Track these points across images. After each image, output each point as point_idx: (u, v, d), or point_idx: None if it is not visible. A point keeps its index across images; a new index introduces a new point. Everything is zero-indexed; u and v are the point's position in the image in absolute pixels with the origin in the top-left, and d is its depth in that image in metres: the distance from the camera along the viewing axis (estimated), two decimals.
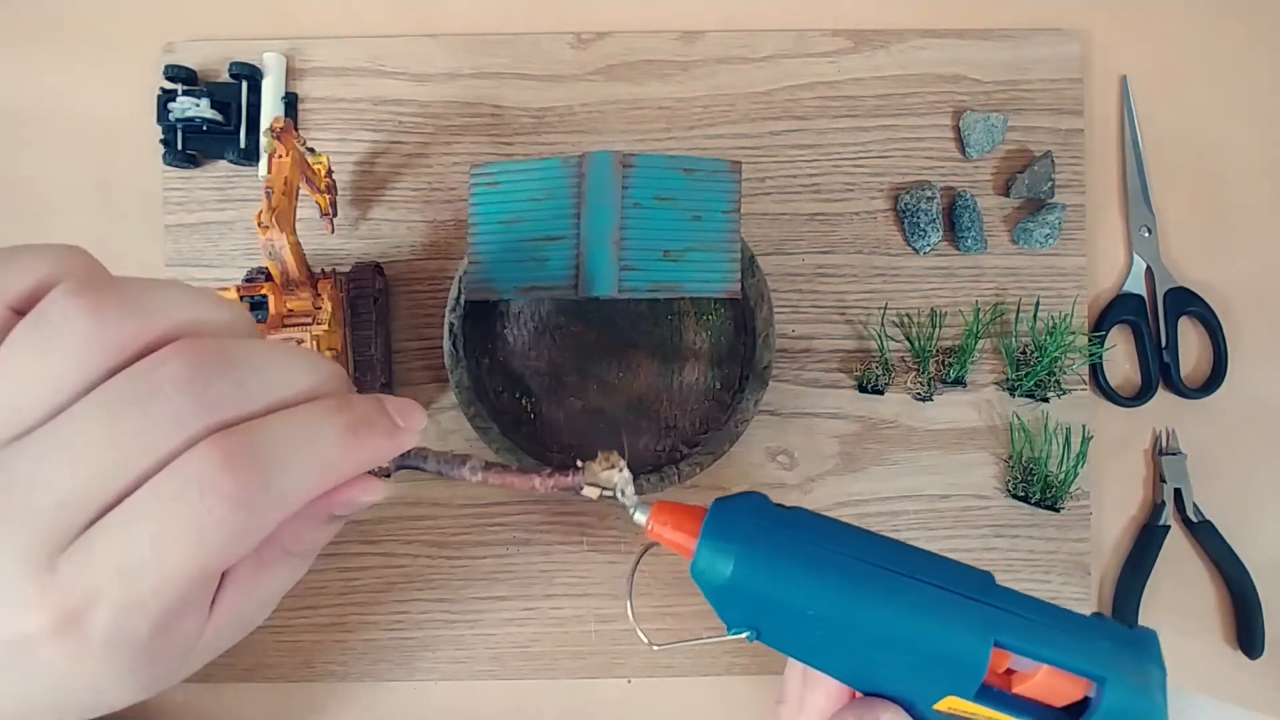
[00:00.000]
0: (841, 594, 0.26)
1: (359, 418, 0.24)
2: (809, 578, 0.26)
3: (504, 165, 0.44)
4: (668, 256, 0.42)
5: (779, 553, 0.26)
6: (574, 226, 0.42)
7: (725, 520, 0.27)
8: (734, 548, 0.26)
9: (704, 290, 0.43)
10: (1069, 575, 0.53)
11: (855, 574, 0.26)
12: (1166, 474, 0.54)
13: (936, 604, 0.26)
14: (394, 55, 0.54)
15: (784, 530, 0.27)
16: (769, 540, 0.26)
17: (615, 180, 0.42)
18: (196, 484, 0.20)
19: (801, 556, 0.26)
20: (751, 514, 0.27)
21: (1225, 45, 0.56)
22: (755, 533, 0.26)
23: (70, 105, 0.54)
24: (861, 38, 0.54)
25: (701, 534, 0.27)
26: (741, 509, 0.27)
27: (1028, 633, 0.26)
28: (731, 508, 0.27)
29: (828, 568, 0.26)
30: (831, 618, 0.26)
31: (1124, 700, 0.25)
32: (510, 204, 0.43)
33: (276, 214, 0.41)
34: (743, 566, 0.26)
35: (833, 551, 0.27)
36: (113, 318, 0.21)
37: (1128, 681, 0.25)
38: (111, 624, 0.20)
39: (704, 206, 0.43)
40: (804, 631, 0.26)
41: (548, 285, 0.42)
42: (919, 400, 0.53)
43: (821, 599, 0.25)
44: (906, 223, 0.53)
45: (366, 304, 0.50)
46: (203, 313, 0.23)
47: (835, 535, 0.28)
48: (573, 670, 0.53)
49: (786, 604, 0.26)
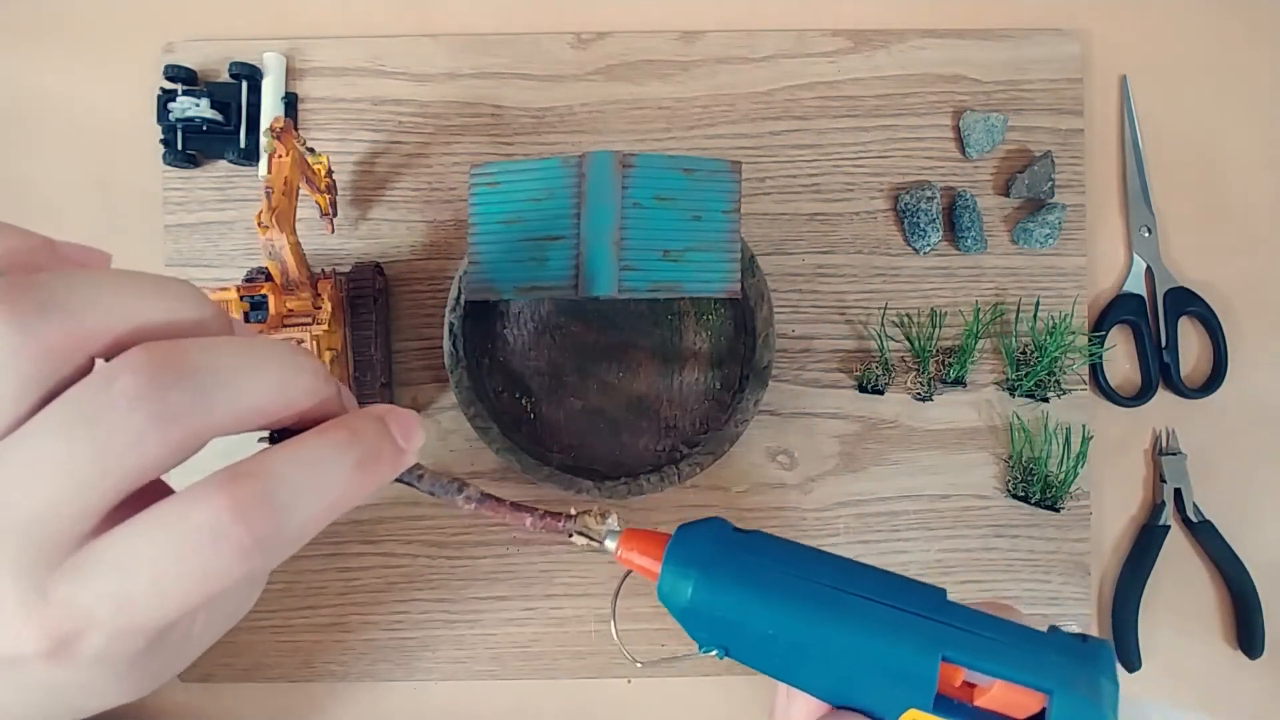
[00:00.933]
0: (795, 614, 0.27)
1: (367, 452, 0.23)
2: (764, 599, 0.27)
3: (504, 165, 0.44)
4: (668, 256, 0.42)
5: (735, 576, 0.28)
6: (574, 226, 0.42)
7: (686, 546, 0.28)
8: (693, 572, 0.28)
9: (704, 290, 0.43)
10: (1069, 575, 0.53)
11: (808, 595, 0.27)
12: (1166, 474, 0.54)
13: (886, 622, 0.27)
14: (394, 55, 0.54)
15: (741, 554, 0.28)
16: (726, 564, 0.28)
17: (615, 180, 0.42)
18: (208, 531, 0.20)
19: (757, 579, 0.27)
20: (711, 540, 0.29)
21: (1225, 45, 0.56)
22: (714, 558, 0.28)
23: (70, 105, 0.54)
24: (861, 38, 0.54)
25: (664, 559, 0.28)
26: (702, 535, 0.29)
27: (975, 648, 0.27)
28: (692, 534, 0.29)
29: (782, 589, 0.27)
30: (788, 637, 0.27)
31: (1071, 713, 0.26)
32: (510, 204, 0.43)
33: (276, 214, 0.41)
34: (701, 590, 0.27)
35: (787, 574, 0.28)
36: (33, 324, 0.19)
37: (1075, 695, 0.26)
38: (104, 646, 0.20)
39: (704, 206, 0.43)
40: (766, 650, 0.28)
41: (548, 285, 0.42)
42: (919, 400, 0.53)
43: (776, 619, 0.27)
44: (906, 223, 0.53)
45: (366, 304, 0.50)
46: (156, 308, 0.21)
47: (791, 558, 0.29)
48: (573, 670, 0.53)
49: (745, 624, 0.27)
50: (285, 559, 0.22)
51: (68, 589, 0.19)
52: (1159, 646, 0.54)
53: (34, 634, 0.19)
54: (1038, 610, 0.53)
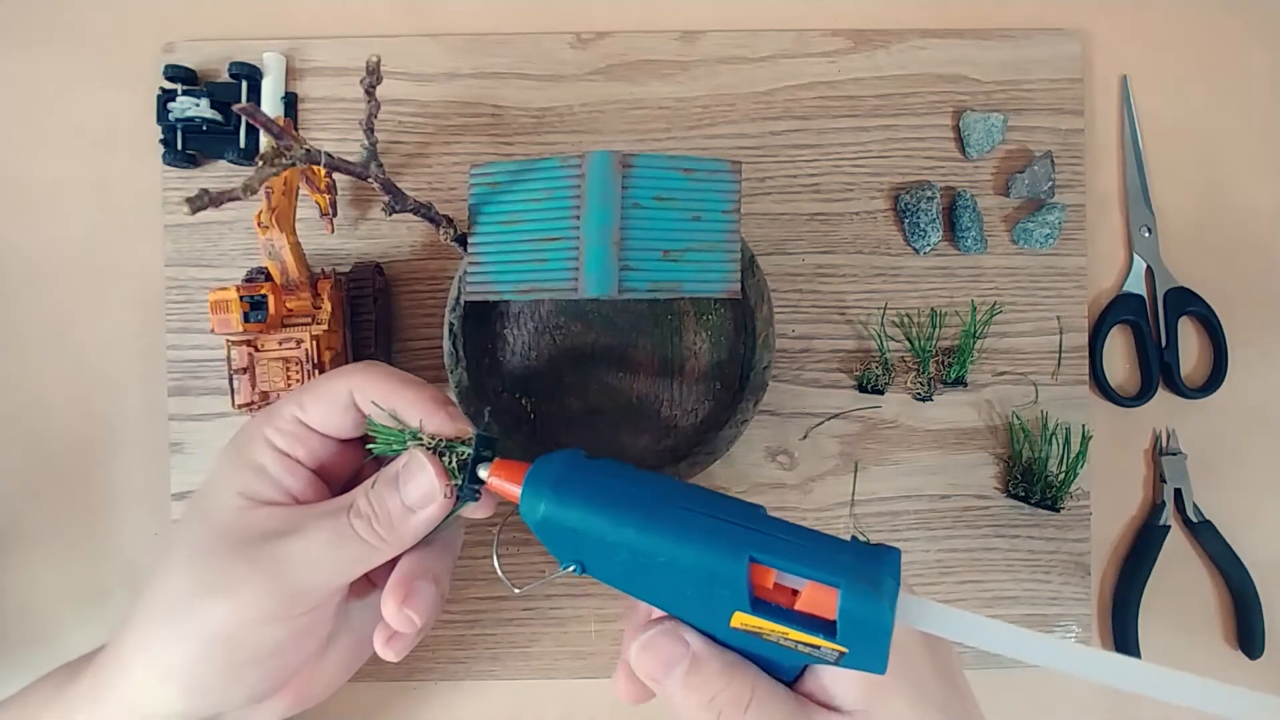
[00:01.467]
0: (629, 524, 0.31)
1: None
2: (602, 511, 0.31)
3: (504, 165, 0.44)
4: (668, 257, 0.42)
5: (581, 493, 0.32)
6: (574, 227, 0.42)
7: (542, 469, 0.33)
8: (545, 490, 0.32)
9: (704, 290, 0.43)
10: (1069, 575, 0.53)
11: (639, 507, 0.31)
12: (1166, 474, 0.54)
13: (704, 529, 0.31)
14: (394, 55, 0.54)
15: (588, 475, 0.32)
16: (574, 483, 0.32)
17: (615, 180, 0.42)
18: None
19: (598, 495, 0.31)
20: (563, 464, 0.33)
21: (1225, 45, 0.56)
22: (564, 478, 0.32)
23: (70, 105, 0.54)
24: (861, 38, 0.54)
25: (524, 481, 0.33)
26: (557, 460, 0.33)
27: (777, 549, 0.30)
28: (548, 460, 0.33)
29: (619, 503, 0.31)
30: (627, 545, 0.31)
31: (856, 603, 0.29)
32: (510, 204, 0.43)
33: (276, 214, 0.41)
34: (551, 505, 0.32)
35: (625, 490, 0.32)
36: None
37: (859, 586, 0.29)
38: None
39: (704, 206, 0.43)
40: (610, 561, 0.31)
41: (548, 286, 0.42)
42: (919, 400, 0.53)
43: (614, 529, 0.31)
44: (906, 222, 0.53)
45: (366, 303, 0.50)
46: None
47: (631, 479, 0.33)
48: (573, 670, 0.53)
49: (590, 535, 0.31)
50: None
51: None
52: (1159, 646, 0.54)
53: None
54: (1038, 610, 0.53)
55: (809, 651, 0.30)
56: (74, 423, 0.53)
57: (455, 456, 0.35)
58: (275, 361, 0.44)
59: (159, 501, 0.52)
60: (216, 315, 0.42)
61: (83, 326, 0.54)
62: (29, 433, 0.53)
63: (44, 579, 0.53)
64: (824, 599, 0.29)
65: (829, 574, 0.29)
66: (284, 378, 0.44)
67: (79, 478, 0.53)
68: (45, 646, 0.53)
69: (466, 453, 0.35)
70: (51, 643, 0.53)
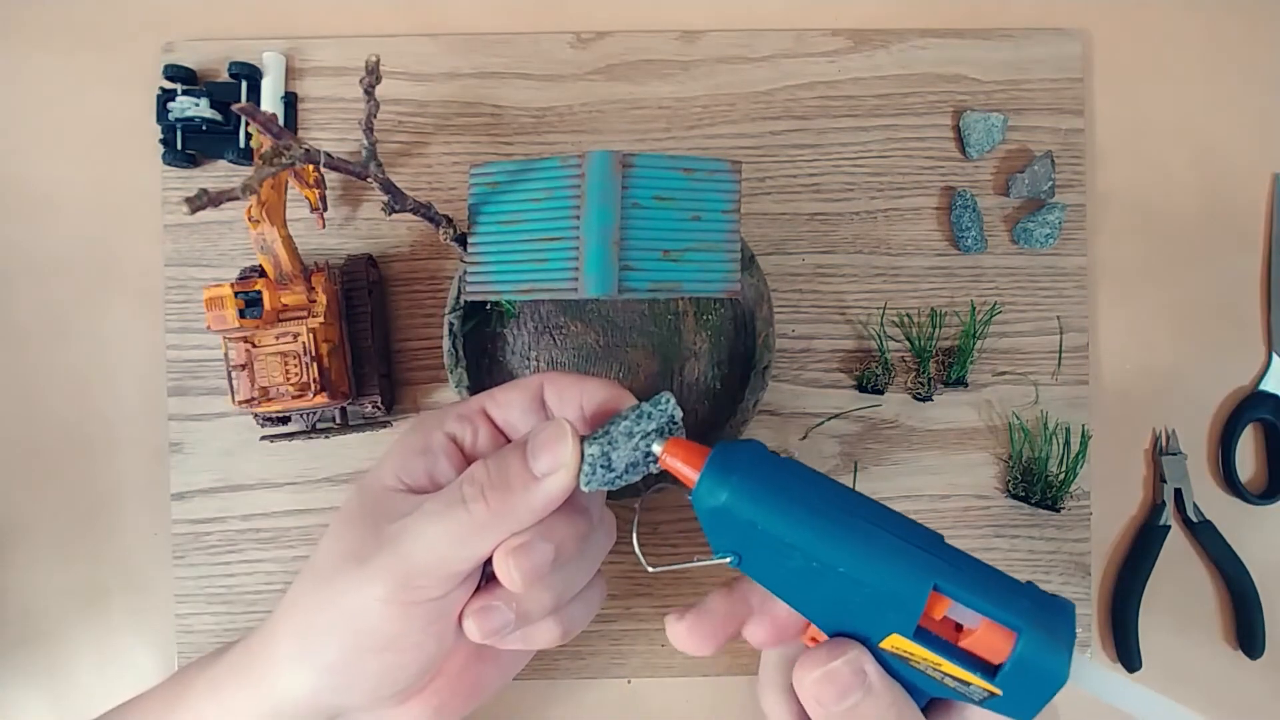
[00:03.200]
0: (812, 527, 0.30)
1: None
2: (787, 510, 0.30)
3: (504, 165, 0.44)
4: (668, 256, 0.42)
5: (767, 486, 0.30)
6: (574, 227, 0.42)
7: (727, 455, 0.32)
8: (732, 478, 0.31)
9: (704, 290, 0.43)
10: (1069, 575, 0.53)
11: (826, 513, 0.30)
12: (1166, 474, 0.54)
13: (891, 548, 0.30)
14: (394, 55, 0.54)
15: (774, 470, 0.31)
16: (760, 475, 0.31)
17: (615, 180, 0.42)
18: None
19: (784, 492, 0.30)
20: (749, 454, 0.32)
21: (1226, 45, 0.56)
22: (750, 467, 0.31)
23: (70, 105, 0.54)
24: (861, 38, 0.54)
25: (705, 465, 0.31)
26: (742, 449, 0.32)
27: (962, 582, 0.30)
28: (733, 448, 0.32)
29: (804, 504, 0.30)
30: (802, 547, 0.30)
31: (1035, 652, 0.29)
32: (510, 205, 0.43)
33: (266, 208, 0.41)
34: (735, 494, 0.30)
35: (811, 493, 0.31)
36: None
37: (1040, 636, 0.29)
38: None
39: (704, 206, 0.43)
40: (778, 560, 0.30)
41: (547, 286, 0.42)
42: (919, 400, 0.53)
43: (795, 530, 0.30)
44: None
45: (361, 296, 0.50)
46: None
47: (817, 482, 0.32)
48: (573, 670, 0.53)
49: (766, 531, 0.30)
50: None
51: None
52: (1159, 646, 0.54)
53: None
54: None
55: (956, 686, 0.30)
56: (74, 422, 0.53)
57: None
58: (273, 356, 0.44)
59: (159, 501, 0.52)
60: (211, 312, 0.42)
61: (82, 326, 0.54)
62: (29, 432, 0.53)
63: (44, 579, 0.53)
64: (997, 640, 0.29)
65: (1012, 616, 0.29)
66: (282, 372, 0.44)
67: (79, 477, 0.53)
68: (45, 646, 0.53)
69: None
70: (51, 643, 0.53)
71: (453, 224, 0.43)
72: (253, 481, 0.52)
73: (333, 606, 0.34)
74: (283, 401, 0.44)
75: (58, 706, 0.53)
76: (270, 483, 0.52)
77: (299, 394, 0.44)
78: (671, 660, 0.53)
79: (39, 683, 0.53)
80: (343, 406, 0.49)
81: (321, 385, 0.44)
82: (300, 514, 0.52)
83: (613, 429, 0.33)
